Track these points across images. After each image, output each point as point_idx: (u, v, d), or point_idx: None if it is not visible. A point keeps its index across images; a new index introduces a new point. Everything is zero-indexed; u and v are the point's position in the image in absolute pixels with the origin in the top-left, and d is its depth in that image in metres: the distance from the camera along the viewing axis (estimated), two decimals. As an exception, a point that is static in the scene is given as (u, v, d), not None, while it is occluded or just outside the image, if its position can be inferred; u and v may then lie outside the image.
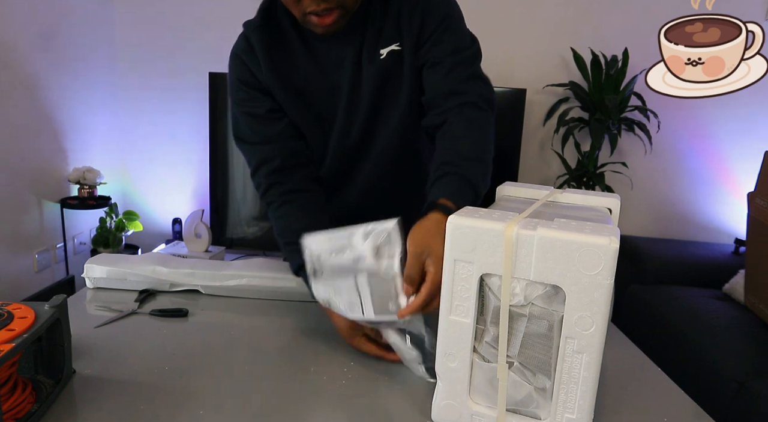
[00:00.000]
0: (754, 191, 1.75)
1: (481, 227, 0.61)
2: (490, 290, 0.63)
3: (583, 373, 0.60)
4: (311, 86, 0.98)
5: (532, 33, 2.55)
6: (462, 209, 0.66)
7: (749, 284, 1.87)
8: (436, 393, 0.68)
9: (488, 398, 0.66)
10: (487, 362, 0.65)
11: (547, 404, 0.63)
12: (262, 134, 0.99)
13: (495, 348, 0.63)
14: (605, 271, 0.56)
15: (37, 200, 2.32)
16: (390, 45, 0.94)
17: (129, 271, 1.05)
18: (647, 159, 2.60)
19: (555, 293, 0.60)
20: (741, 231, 2.57)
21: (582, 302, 0.58)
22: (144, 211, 2.78)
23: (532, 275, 0.59)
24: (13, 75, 2.13)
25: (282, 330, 0.94)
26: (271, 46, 0.96)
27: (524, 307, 0.61)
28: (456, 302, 0.64)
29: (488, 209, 0.68)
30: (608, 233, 0.56)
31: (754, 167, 1.84)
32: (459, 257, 0.62)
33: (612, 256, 0.55)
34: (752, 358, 1.66)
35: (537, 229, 0.59)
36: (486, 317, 0.64)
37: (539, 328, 0.61)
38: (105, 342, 0.86)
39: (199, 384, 0.75)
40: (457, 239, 0.62)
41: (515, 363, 0.63)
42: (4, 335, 0.61)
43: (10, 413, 0.62)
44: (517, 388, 0.63)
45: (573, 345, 0.59)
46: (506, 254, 0.60)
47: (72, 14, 2.43)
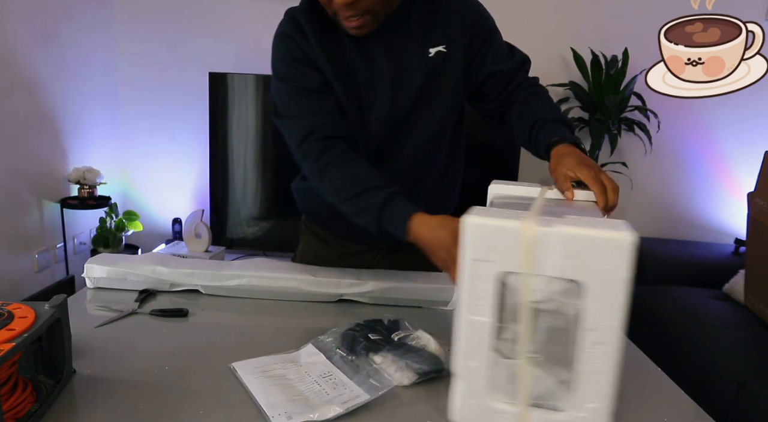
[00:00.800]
0: (754, 191, 1.75)
1: (499, 226, 0.61)
2: (508, 287, 0.63)
3: (603, 363, 0.61)
4: (354, 69, 1.00)
5: (532, 33, 2.55)
6: (474, 208, 0.65)
7: (749, 284, 1.87)
8: (455, 393, 0.68)
9: (509, 394, 0.66)
10: (507, 358, 0.65)
11: (568, 396, 0.64)
12: (311, 107, 0.99)
13: (515, 344, 0.64)
14: (624, 264, 0.58)
15: (37, 200, 2.32)
16: (438, 46, 1.01)
17: (129, 271, 1.05)
18: (647, 159, 2.60)
19: (573, 288, 0.61)
20: (741, 231, 2.57)
21: (602, 295, 0.60)
22: (144, 211, 2.78)
23: (552, 271, 0.61)
24: (13, 75, 2.13)
25: (282, 330, 0.94)
26: (320, 29, 0.98)
27: (544, 302, 0.62)
28: (475, 301, 0.64)
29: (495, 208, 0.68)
30: (625, 228, 0.59)
31: (754, 167, 1.84)
32: (477, 257, 0.63)
33: (630, 249, 0.58)
34: (752, 358, 1.66)
35: (556, 226, 0.60)
36: (505, 314, 0.64)
37: (559, 322, 0.62)
38: (105, 342, 0.86)
39: (199, 384, 0.75)
40: (476, 238, 0.62)
41: (536, 358, 0.64)
42: (4, 335, 0.61)
43: (10, 413, 0.62)
44: (538, 383, 0.64)
45: (593, 336, 0.61)
46: (526, 251, 0.60)
47: (72, 14, 2.43)
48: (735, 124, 2.59)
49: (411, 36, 1.00)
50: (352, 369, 0.78)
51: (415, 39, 1.00)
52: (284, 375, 0.76)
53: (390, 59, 1.00)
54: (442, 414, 0.71)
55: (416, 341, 0.84)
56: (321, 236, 1.21)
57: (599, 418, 0.63)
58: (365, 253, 1.18)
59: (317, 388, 0.73)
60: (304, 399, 0.71)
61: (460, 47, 1.02)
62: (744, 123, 2.58)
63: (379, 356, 0.80)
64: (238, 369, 0.78)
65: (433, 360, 0.79)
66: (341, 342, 0.85)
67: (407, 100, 1.02)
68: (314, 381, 0.75)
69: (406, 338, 0.85)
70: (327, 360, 0.81)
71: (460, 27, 1.01)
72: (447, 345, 0.83)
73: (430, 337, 0.84)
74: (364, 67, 1.00)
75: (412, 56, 1.00)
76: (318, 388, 0.73)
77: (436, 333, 0.86)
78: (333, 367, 0.79)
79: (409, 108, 1.03)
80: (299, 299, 1.04)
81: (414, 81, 1.01)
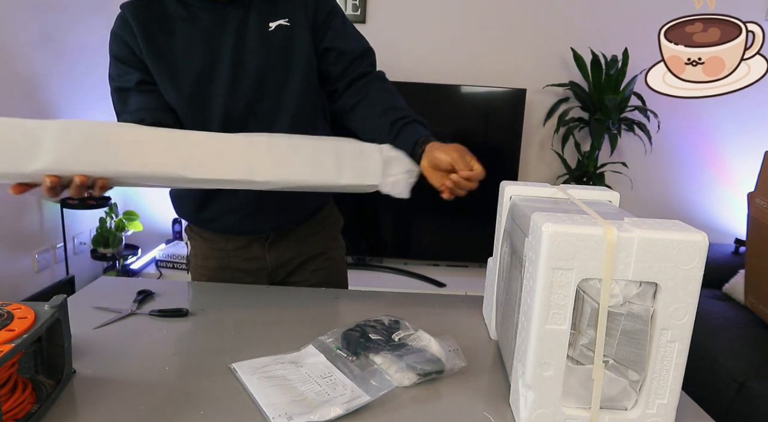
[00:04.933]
0: (754, 191, 1.75)
1: (581, 234, 0.61)
2: (586, 294, 0.64)
3: (675, 360, 0.64)
4: (190, 54, 0.99)
5: (532, 33, 2.55)
6: (548, 215, 0.65)
7: (749, 284, 1.87)
8: (525, 404, 0.67)
9: (580, 399, 0.67)
10: (580, 365, 0.66)
11: (637, 395, 0.66)
12: (130, 105, 0.99)
13: (591, 350, 0.65)
14: (699, 264, 0.62)
15: (37, 200, 2.32)
16: (279, 20, 1.01)
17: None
18: (647, 159, 2.60)
19: (649, 290, 0.63)
20: (741, 231, 2.57)
21: (677, 295, 0.63)
22: (144, 211, 2.78)
23: (631, 275, 0.62)
24: (13, 75, 2.13)
25: (283, 330, 0.94)
26: (149, 21, 0.98)
27: (622, 306, 0.63)
28: (552, 310, 0.64)
29: (556, 213, 0.67)
30: (697, 230, 0.63)
31: (754, 167, 1.84)
32: (558, 266, 0.62)
33: (705, 250, 0.62)
34: (752, 358, 1.66)
35: (635, 230, 0.62)
36: (581, 321, 0.65)
37: (635, 324, 0.64)
38: (105, 342, 0.86)
39: (199, 384, 0.75)
40: (557, 247, 0.62)
41: (610, 362, 0.65)
42: (4, 335, 0.61)
43: (10, 413, 0.62)
44: (612, 385, 0.66)
45: (667, 335, 0.64)
46: (607, 257, 0.61)
47: (72, 14, 2.43)
48: (735, 124, 2.59)
49: (252, 11, 1.00)
50: (352, 370, 0.78)
51: (257, 13, 1.00)
52: (284, 376, 0.76)
53: (227, 39, 0.99)
54: (443, 414, 0.71)
55: (417, 341, 0.84)
56: (206, 237, 1.19)
57: (669, 413, 0.66)
58: (254, 243, 1.17)
59: (317, 389, 0.73)
60: (305, 399, 0.71)
61: (305, 22, 1.02)
62: (744, 123, 2.58)
63: (379, 356, 0.80)
64: (238, 370, 0.78)
65: (433, 361, 0.79)
66: (342, 342, 0.85)
67: (247, 82, 1.00)
68: (314, 382, 0.75)
69: (406, 338, 0.85)
70: (327, 360, 0.81)
71: (303, 5, 1.02)
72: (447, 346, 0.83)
73: (430, 337, 0.84)
74: (201, 52, 0.99)
75: (251, 34, 1.00)
76: (318, 389, 0.73)
77: (436, 334, 0.86)
78: (333, 368, 0.79)
79: (249, 89, 1.01)
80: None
81: (249, 61, 1.00)
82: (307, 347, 0.85)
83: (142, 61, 0.99)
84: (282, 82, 1.03)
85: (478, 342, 0.93)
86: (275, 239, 1.17)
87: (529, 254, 0.67)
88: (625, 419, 0.66)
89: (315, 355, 0.82)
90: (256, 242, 1.17)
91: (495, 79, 2.54)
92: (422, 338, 0.85)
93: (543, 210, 0.69)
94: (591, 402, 0.66)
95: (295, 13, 1.02)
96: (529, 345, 0.65)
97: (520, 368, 0.69)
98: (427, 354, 0.80)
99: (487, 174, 0.92)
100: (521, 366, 0.68)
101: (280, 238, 1.17)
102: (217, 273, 1.19)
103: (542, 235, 0.62)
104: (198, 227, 1.20)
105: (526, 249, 0.69)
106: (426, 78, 2.48)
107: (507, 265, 0.86)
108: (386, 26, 2.55)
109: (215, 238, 1.18)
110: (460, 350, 0.83)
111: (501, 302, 0.90)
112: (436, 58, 2.57)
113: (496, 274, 0.94)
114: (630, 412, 0.67)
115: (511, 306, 0.79)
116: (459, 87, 2.44)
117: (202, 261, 1.20)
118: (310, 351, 0.83)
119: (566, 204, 0.80)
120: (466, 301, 1.10)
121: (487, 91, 2.45)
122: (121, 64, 1.00)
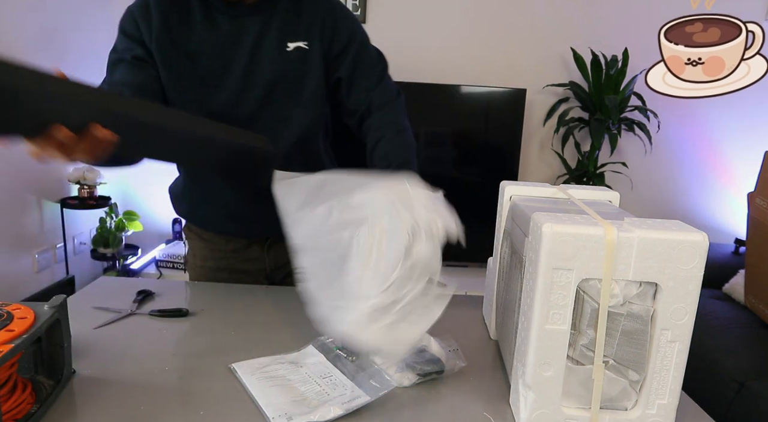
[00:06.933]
0: (754, 191, 1.75)
1: (581, 234, 0.61)
2: (586, 294, 0.64)
3: (675, 360, 0.64)
4: (203, 52, 0.99)
5: (532, 33, 2.55)
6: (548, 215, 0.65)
7: (749, 284, 1.87)
8: (525, 404, 0.67)
9: (580, 399, 0.67)
10: (580, 365, 0.66)
11: (635, 395, 0.66)
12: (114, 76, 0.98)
13: (591, 350, 0.65)
14: (699, 264, 0.62)
15: (37, 200, 2.32)
16: (298, 41, 1.01)
17: None
18: (647, 159, 2.60)
19: (649, 290, 0.63)
20: (741, 231, 2.58)
21: (677, 296, 0.63)
22: (144, 211, 2.78)
23: (631, 275, 0.62)
24: (13, 75, 2.13)
25: (283, 331, 0.94)
26: (170, 8, 0.98)
27: (622, 306, 0.63)
28: (552, 310, 0.64)
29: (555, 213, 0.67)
30: (697, 230, 0.63)
31: (754, 167, 1.84)
32: (558, 266, 0.62)
33: (705, 250, 0.62)
34: (752, 358, 1.66)
35: (635, 231, 0.61)
36: (581, 321, 0.65)
37: (635, 325, 0.64)
38: (105, 342, 0.86)
39: (199, 384, 0.75)
40: (557, 247, 0.62)
41: (610, 362, 0.65)
42: (4, 335, 0.61)
43: (10, 413, 0.62)
44: (612, 385, 0.66)
45: (667, 335, 0.64)
46: (607, 257, 0.61)
47: (72, 14, 2.43)
48: (735, 124, 2.59)
49: (272, 27, 1.00)
50: (352, 370, 0.78)
51: (277, 30, 1.00)
52: (284, 376, 0.76)
53: (244, 48, 0.99)
54: (443, 414, 0.71)
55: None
56: (205, 237, 1.19)
57: (668, 413, 0.66)
58: (254, 244, 1.17)
59: (317, 389, 0.73)
60: (305, 399, 0.71)
61: (321, 48, 1.02)
62: (744, 123, 2.58)
63: (379, 356, 0.80)
64: (238, 370, 0.78)
65: (433, 361, 0.79)
66: (342, 342, 0.85)
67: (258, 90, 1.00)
68: (314, 382, 0.75)
69: None
70: (327, 360, 0.81)
71: (321, 25, 1.01)
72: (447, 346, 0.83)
73: (430, 337, 0.84)
74: (214, 52, 0.99)
75: (270, 48, 0.99)
76: (318, 389, 0.73)
77: (436, 334, 0.86)
78: (333, 368, 0.79)
79: (260, 98, 1.01)
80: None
81: (264, 71, 1.00)
82: (307, 347, 0.85)
83: (147, 46, 0.99)
84: (289, 102, 1.03)
85: (478, 342, 0.93)
86: (275, 241, 1.17)
87: (529, 255, 0.67)
88: (625, 419, 0.66)
89: (315, 355, 0.82)
90: (256, 244, 1.17)
91: (495, 79, 2.54)
92: (422, 338, 0.84)
93: (543, 210, 0.69)
94: (591, 402, 0.66)
95: (313, 37, 1.02)
96: (529, 345, 0.65)
97: (520, 368, 0.69)
98: (427, 354, 0.80)
99: (487, 174, 0.92)
100: (521, 366, 0.68)
101: (281, 240, 1.17)
102: (215, 273, 1.19)
103: (542, 235, 0.62)
104: (197, 227, 1.20)
105: (526, 249, 0.69)
106: (426, 78, 2.48)
107: (507, 265, 0.86)
108: (386, 26, 2.55)
109: (214, 239, 1.18)
110: (460, 350, 0.83)
111: (501, 303, 0.90)
112: (436, 58, 2.57)
113: (496, 274, 0.94)
114: (630, 412, 0.67)
115: (511, 306, 0.79)
116: (459, 87, 2.44)
117: (201, 261, 1.20)
118: (310, 351, 0.83)
119: (566, 204, 0.80)
120: (466, 301, 1.10)
121: (487, 91, 2.45)
122: (125, 38, 1.00)
